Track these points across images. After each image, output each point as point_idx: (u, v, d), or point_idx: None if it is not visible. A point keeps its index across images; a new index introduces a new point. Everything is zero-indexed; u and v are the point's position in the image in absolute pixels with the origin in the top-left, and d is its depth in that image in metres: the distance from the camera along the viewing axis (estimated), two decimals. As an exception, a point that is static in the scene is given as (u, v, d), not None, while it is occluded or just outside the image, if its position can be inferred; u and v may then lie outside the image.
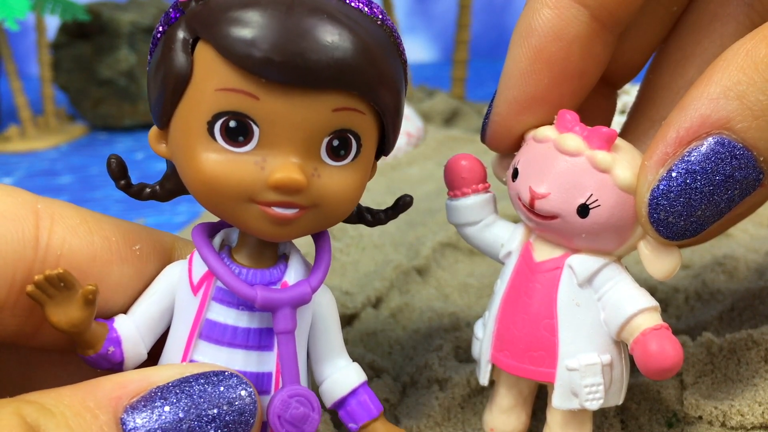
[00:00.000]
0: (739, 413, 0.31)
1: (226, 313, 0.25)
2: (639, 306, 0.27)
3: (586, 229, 0.27)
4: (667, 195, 0.25)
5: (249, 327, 0.25)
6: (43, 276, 0.22)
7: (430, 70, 1.14)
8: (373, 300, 0.43)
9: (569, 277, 0.28)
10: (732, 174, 0.24)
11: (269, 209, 0.23)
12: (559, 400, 0.28)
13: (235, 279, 0.24)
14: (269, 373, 0.25)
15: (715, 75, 0.24)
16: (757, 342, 0.34)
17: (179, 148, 0.24)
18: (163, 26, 0.24)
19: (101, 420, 0.21)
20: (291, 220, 0.23)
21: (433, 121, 0.81)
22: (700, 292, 0.42)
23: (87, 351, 0.24)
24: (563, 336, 0.28)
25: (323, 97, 0.23)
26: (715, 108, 0.24)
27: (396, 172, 0.68)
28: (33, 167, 0.80)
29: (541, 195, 0.27)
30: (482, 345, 0.30)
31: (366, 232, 0.53)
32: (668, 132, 0.25)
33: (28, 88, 0.93)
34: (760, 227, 0.51)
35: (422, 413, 0.33)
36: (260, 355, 0.25)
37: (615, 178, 0.26)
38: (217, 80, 0.22)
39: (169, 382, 0.23)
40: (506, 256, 0.30)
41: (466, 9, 0.86)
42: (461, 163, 0.30)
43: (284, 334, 0.24)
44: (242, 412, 0.23)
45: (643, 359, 0.26)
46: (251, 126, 0.23)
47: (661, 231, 0.26)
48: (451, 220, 0.31)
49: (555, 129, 0.28)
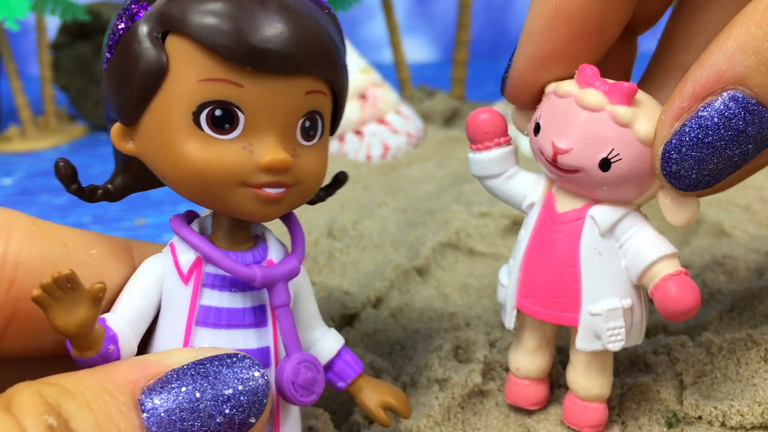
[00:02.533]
0: (739, 413, 0.31)
1: (219, 296, 0.26)
2: (659, 253, 0.28)
3: (608, 181, 0.28)
4: (678, 149, 0.25)
5: (244, 307, 0.26)
6: (51, 278, 0.21)
7: (430, 71, 1.14)
8: (373, 300, 0.43)
9: (591, 227, 0.29)
10: (745, 129, 0.24)
11: (261, 191, 0.24)
12: (583, 342, 0.30)
13: (232, 262, 0.25)
14: (267, 347, 0.26)
15: (734, 30, 0.24)
16: (757, 342, 0.34)
17: (157, 141, 0.24)
18: (125, 22, 0.24)
19: (120, 401, 0.22)
20: (280, 199, 0.25)
21: (433, 121, 0.80)
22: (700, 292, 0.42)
23: (87, 352, 0.23)
24: (586, 283, 0.29)
25: (298, 81, 0.24)
26: (731, 63, 0.24)
27: (396, 172, 0.68)
28: (33, 167, 0.80)
29: (564, 150, 0.28)
30: (507, 291, 0.32)
31: (366, 232, 0.53)
32: (685, 86, 0.25)
33: (29, 89, 0.93)
34: (760, 227, 0.51)
35: (422, 413, 0.33)
36: (257, 332, 0.26)
37: (636, 132, 0.27)
38: (198, 71, 0.23)
39: (184, 365, 0.23)
40: (529, 206, 0.31)
41: (466, 9, 0.86)
42: (482, 116, 0.31)
43: (282, 307, 0.26)
44: (256, 392, 0.23)
45: (664, 303, 0.27)
46: (236, 113, 0.24)
47: (673, 183, 0.26)
48: (474, 172, 0.32)
49: (576, 84, 0.28)
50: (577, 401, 0.32)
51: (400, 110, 0.73)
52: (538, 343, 0.33)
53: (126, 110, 0.24)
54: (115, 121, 0.25)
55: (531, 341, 0.33)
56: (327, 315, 0.41)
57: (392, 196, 0.61)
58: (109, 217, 0.65)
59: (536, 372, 0.33)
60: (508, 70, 0.31)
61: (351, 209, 0.59)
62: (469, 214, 0.53)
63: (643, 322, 0.30)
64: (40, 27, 0.88)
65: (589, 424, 0.32)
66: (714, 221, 0.51)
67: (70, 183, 0.26)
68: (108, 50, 0.25)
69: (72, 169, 0.26)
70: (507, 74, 0.31)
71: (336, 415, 0.35)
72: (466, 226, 0.52)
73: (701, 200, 0.28)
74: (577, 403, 0.32)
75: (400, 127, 0.71)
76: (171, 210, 0.65)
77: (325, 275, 0.48)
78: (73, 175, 0.26)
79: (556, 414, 0.34)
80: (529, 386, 0.33)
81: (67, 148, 0.88)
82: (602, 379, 0.31)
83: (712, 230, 0.51)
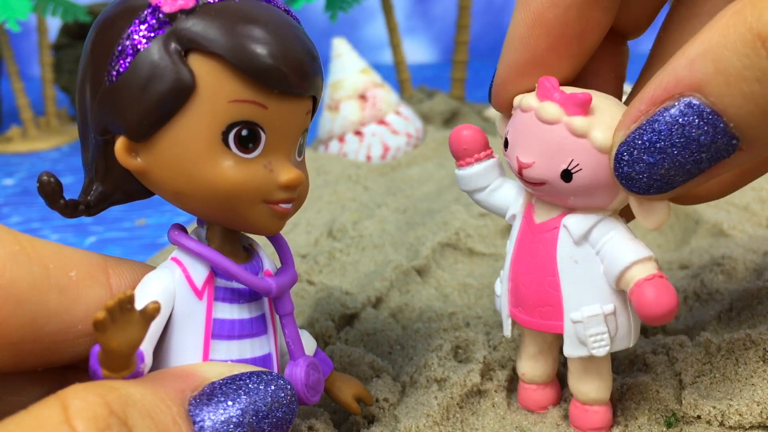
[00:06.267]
0: (738, 413, 0.31)
1: (231, 309, 0.27)
2: (633, 257, 0.28)
3: (573, 191, 0.28)
4: (630, 151, 0.25)
5: (250, 317, 0.27)
6: (116, 301, 0.21)
7: (430, 71, 1.15)
8: (373, 300, 0.43)
9: (566, 236, 0.29)
10: (698, 138, 0.24)
11: (278, 206, 0.26)
12: (570, 349, 0.30)
13: (250, 276, 0.26)
14: (270, 353, 0.28)
15: (700, 35, 0.24)
16: (756, 342, 0.34)
17: (178, 159, 0.24)
18: (145, 36, 0.24)
19: (173, 411, 0.22)
20: (289, 212, 0.26)
21: (433, 121, 0.81)
22: (699, 293, 0.42)
23: (123, 372, 0.23)
24: (566, 291, 0.30)
25: (303, 102, 0.26)
26: (691, 69, 0.24)
27: (396, 173, 0.68)
28: (34, 168, 0.81)
29: (526, 164, 0.28)
30: (501, 301, 0.33)
31: (366, 232, 0.53)
32: (646, 90, 0.25)
33: (30, 89, 0.93)
34: (759, 227, 0.51)
35: (421, 413, 0.33)
36: (261, 340, 0.27)
37: (593, 141, 0.27)
38: (229, 92, 0.24)
39: (223, 379, 0.24)
40: (512, 218, 0.32)
41: (465, 10, 0.86)
42: (463, 133, 0.32)
43: (287, 315, 0.28)
44: (289, 410, 0.25)
45: (640, 308, 0.27)
46: (260, 133, 0.25)
47: (625, 184, 0.26)
48: (462, 187, 0.33)
49: (536, 97, 0.28)
50: (579, 405, 0.32)
51: (399, 111, 0.73)
52: (539, 349, 0.33)
53: (141, 126, 0.24)
54: (110, 134, 0.25)
55: (532, 347, 0.33)
56: (327, 315, 0.41)
57: (392, 197, 0.61)
58: (109, 217, 0.65)
59: (541, 377, 0.34)
60: (493, 79, 0.31)
61: (351, 209, 0.59)
62: (469, 214, 0.54)
63: (631, 325, 0.30)
64: (41, 28, 0.89)
65: (593, 427, 0.32)
66: (713, 221, 0.51)
67: (56, 199, 0.25)
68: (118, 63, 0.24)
69: (58, 184, 0.25)
70: (492, 82, 0.31)
71: (336, 414, 0.35)
72: (466, 227, 0.52)
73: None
74: (579, 407, 0.32)
75: (400, 127, 0.72)
76: (171, 210, 0.65)
77: (325, 275, 0.48)
78: (59, 190, 0.25)
79: (554, 415, 0.34)
80: (536, 390, 0.34)
81: (68, 149, 0.88)
82: (599, 383, 0.32)
83: (711, 230, 0.51)
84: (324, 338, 0.40)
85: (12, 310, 0.23)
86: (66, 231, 0.63)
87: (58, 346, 0.25)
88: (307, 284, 0.47)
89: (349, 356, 0.37)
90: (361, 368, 0.37)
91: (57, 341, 0.24)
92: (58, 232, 0.63)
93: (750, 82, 0.22)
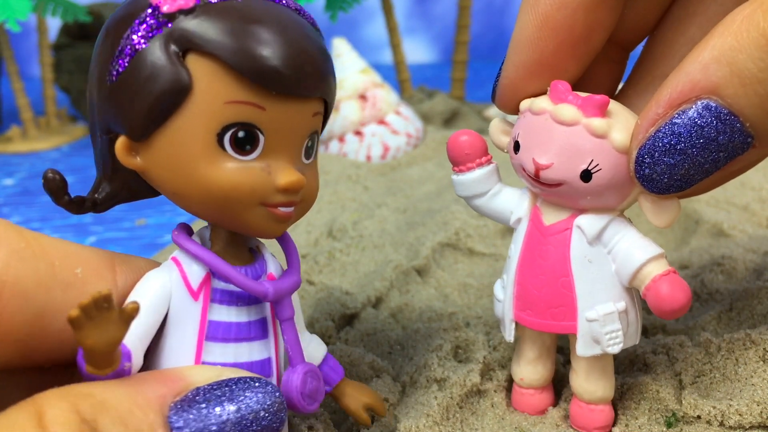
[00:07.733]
0: (738, 413, 0.31)
1: (227, 311, 0.26)
2: (647, 255, 0.29)
3: (591, 191, 0.28)
4: (651, 154, 0.26)
5: (249, 320, 0.27)
6: (91, 300, 0.21)
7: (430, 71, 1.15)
8: (373, 300, 0.43)
9: (579, 236, 0.30)
10: (716, 138, 0.25)
11: (276, 210, 0.25)
12: (583, 348, 0.30)
13: (246, 279, 0.26)
14: (269, 358, 0.27)
15: (711, 39, 0.25)
16: (755, 342, 0.34)
17: (174, 159, 0.24)
18: (144, 36, 0.24)
19: (150, 418, 0.21)
20: (290, 217, 0.26)
21: (433, 121, 0.81)
22: (699, 292, 0.42)
23: (105, 370, 0.23)
24: (580, 291, 0.30)
25: (309, 104, 0.25)
26: (706, 73, 0.25)
27: (396, 173, 0.68)
28: (34, 168, 0.81)
29: (545, 165, 0.28)
30: (504, 306, 0.32)
31: (366, 232, 0.53)
32: (662, 93, 0.26)
33: (30, 89, 0.93)
34: (759, 227, 0.51)
35: (421, 413, 0.33)
36: (260, 344, 0.27)
37: (612, 141, 0.27)
38: (225, 93, 0.24)
39: (209, 384, 0.23)
40: (516, 222, 0.32)
41: (465, 10, 0.86)
42: (462, 139, 0.32)
43: (288, 320, 0.27)
44: (276, 418, 0.24)
45: (656, 303, 0.28)
46: (258, 135, 0.24)
47: (646, 186, 0.27)
48: (460, 193, 0.33)
49: (549, 100, 0.29)
50: (583, 405, 0.32)
51: (399, 111, 0.73)
52: (539, 353, 0.33)
53: (139, 126, 0.24)
54: (113, 133, 0.25)
55: (531, 352, 0.33)
56: (327, 315, 0.41)
57: (392, 197, 0.61)
58: (110, 217, 0.65)
59: (539, 381, 0.34)
60: (499, 78, 0.31)
61: (351, 209, 0.59)
62: (469, 214, 0.54)
63: (638, 321, 0.31)
64: (41, 28, 0.89)
65: (597, 426, 0.32)
66: (713, 221, 0.51)
67: (61, 195, 0.25)
68: (117, 63, 0.24)
69: (62, 181, 0.25)
70: (497, 82, 0.32)
71: (336, 414, 0.35)
72: (466, 227, 0.52)
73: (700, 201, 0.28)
74: (582, 407, 0.32)
75: (400, 127, 0.72)
76: (171, 210, 0.66)
77: (325, 275, 0.48)
78: (64, 186, 0.25)
79: (554, 416, 0.34)
80: (534, 395, 0.34)
81: (68, 149, 0.88)
82: (605, 381, 0.32)
83: (711, 230, 0.51)
84: (324, 338, 0.40)
85: (18, 306, 0.23)
86: (66, 231, 0.63)
87: (64, 343, 0.25)
88: (307, 284, 0.47)
89: (349, 356, 0.37)
90: (361, 368, 0.37)
91: (63, 338, 0.24)
92: (58, 232, 0.63)
93: (765, 83, 0.24)
